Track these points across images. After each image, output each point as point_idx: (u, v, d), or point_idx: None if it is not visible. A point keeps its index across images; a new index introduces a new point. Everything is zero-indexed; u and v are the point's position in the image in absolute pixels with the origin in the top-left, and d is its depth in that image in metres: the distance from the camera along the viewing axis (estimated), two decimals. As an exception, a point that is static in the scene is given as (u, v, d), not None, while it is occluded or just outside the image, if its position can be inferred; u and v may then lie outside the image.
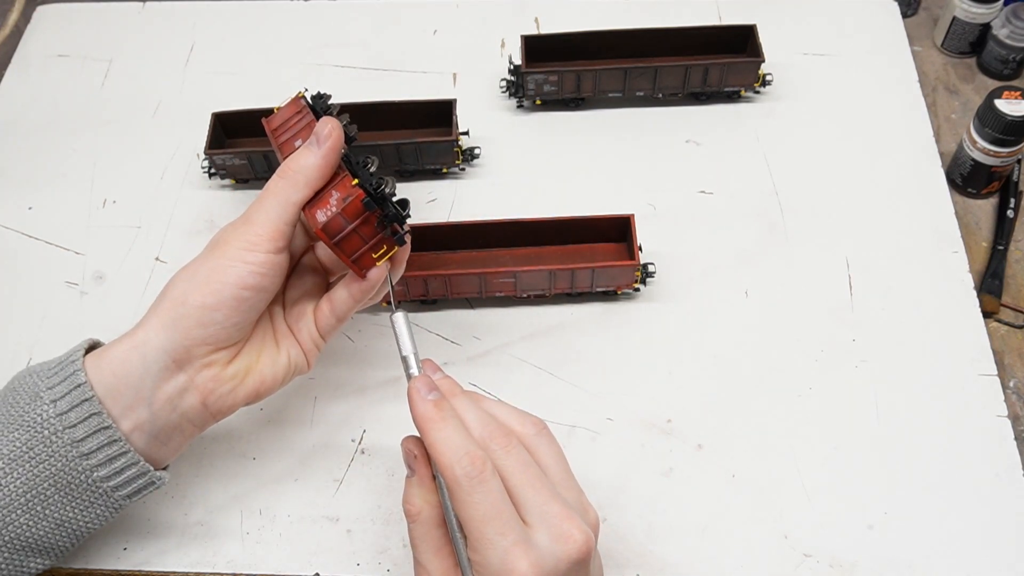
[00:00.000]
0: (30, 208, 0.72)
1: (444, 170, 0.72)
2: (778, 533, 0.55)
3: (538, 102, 0.75)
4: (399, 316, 0.48)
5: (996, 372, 0.60)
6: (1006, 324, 0.65)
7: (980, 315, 0.63)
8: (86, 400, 0.46)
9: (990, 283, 0.66)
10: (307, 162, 0.49)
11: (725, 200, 0.70)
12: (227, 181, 0.72)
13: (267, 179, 0.51)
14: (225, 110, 0.71)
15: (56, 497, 0.47)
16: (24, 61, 0.82)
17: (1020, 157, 0.70)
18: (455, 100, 0.70)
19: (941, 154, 0.72)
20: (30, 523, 0.47)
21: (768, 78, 0.74)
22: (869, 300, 0.64)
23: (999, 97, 0.66)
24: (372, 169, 0.50)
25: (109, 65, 0.81)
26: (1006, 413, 0.59)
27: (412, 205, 0.52)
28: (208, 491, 0.57)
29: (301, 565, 0.55)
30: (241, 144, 0.73)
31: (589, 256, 0.65)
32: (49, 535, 0.48)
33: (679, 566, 0.54)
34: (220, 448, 0.59)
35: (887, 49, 0.79)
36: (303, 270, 0.55)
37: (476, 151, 0.72)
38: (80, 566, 0.55)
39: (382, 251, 0.50)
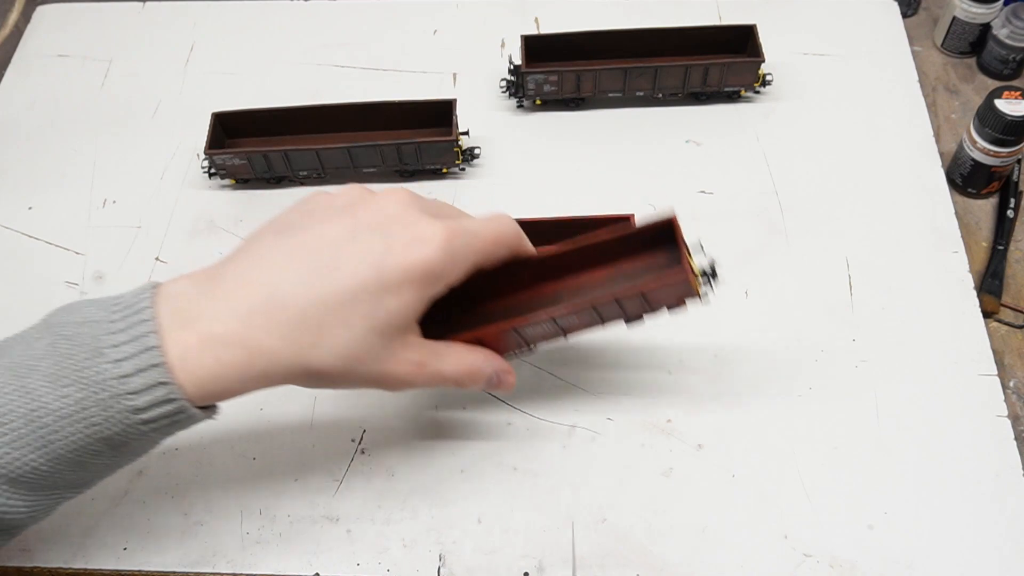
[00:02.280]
0: (30, 208, 0.72)
1: (444, 170, 0.72)
2: (778, 533, 0.55)
3: (538, 102, 0.75)
4: None
5: (996, 372, 0.60)
6: (1006, 324, 0.65)
7: (980, 315, 0.63)
8: (155, 366, 0.41)
9: (990, 283, 0.66)
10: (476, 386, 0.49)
11: (725, 200, 0.70)
12: (227, 181, 0.72)
13: (267, 179, 0.50)
14: (225, 110, 0.71)
15: (107, 452, 0.43)
16: (24, 61, 0.82)
17: (1020, 157, 0.70)
18: (455, 100, 0.70)
19: (941, 154, 0.72)
20: (75, 471, 0.44)
21: (768, 78, 0.74)
22: (869, 300, 0.64)
23: (999, 97, 0.66)
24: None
25: (109, 65, 0.81)
26: (1006, 413, 0.59)
27: None
28: (208, 491, 0.57)
29: (301, 565, 0.55)
30: (241, 144, 0.73)
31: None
32: (93, 478, 0.46)
33: (679, 566, 0.54)
34: (220, 448, 0.59)
35: (887, 49, 0.79)
36: None
37: (476, 151, 0.72)
38: (80, 566, 0.55)
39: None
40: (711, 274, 0.51)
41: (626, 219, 0.62)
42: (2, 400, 0.41)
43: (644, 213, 0.68)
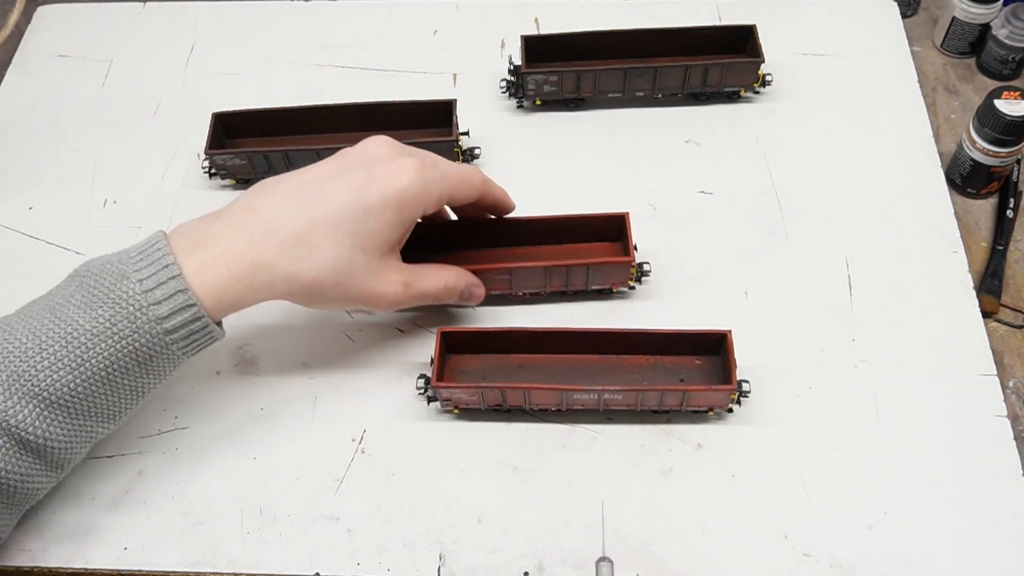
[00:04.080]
0: (30, 208, 0.72)
1: (444, 170, 0.72)
2: (778, 533, 0.55)
3: (538, 102, 0.75)
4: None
5: (996, 372, 0.60)
6: (1006, 324, 0.65)
7: (980, 315, 0.63)
8: (173, 278, 0.48)
9: (990, 283, 0.66)
10: (449, 299, 0.58)
11: (725, 200, 0.70)
12: (227, 181, 0.72)
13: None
14: (225, 110, 0.71)
15: (135, 368, 0.49)
16: (25, 61, 0.82)
17: (1019, 157, 0.70)
18: (455, 100, 0.70)
19: (941, 154, 0.72)
20: (107, 392, 0.49)
21: (768, 78, 0.74)
22: (869, 300, 0.64)
23: (999, 97, 0.66)
24: None
25: (109, 65, 0.81)
26: (1006, 413, 0.59)
27: None
28: (208, 491, 0.58)
29: (301, 565, 0.55)
30: (241, 144, 0.73)
31: (585, 255, 0.64)
32: (122, 400, 0.50)
33: (679, 566, 0.54)
34: (220, 448, 0.59)
35: (887, 49, 0.79)
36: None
37: (476, 151, 0.72)
38: (80, 566, 0.55)
39: None
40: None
41: (621, 217, 0.63)
42: (41, 330, 0.48)
43: (644, 213, 0.68)
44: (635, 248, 0.62)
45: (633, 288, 0.64)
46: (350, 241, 0.51)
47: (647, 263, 0.64)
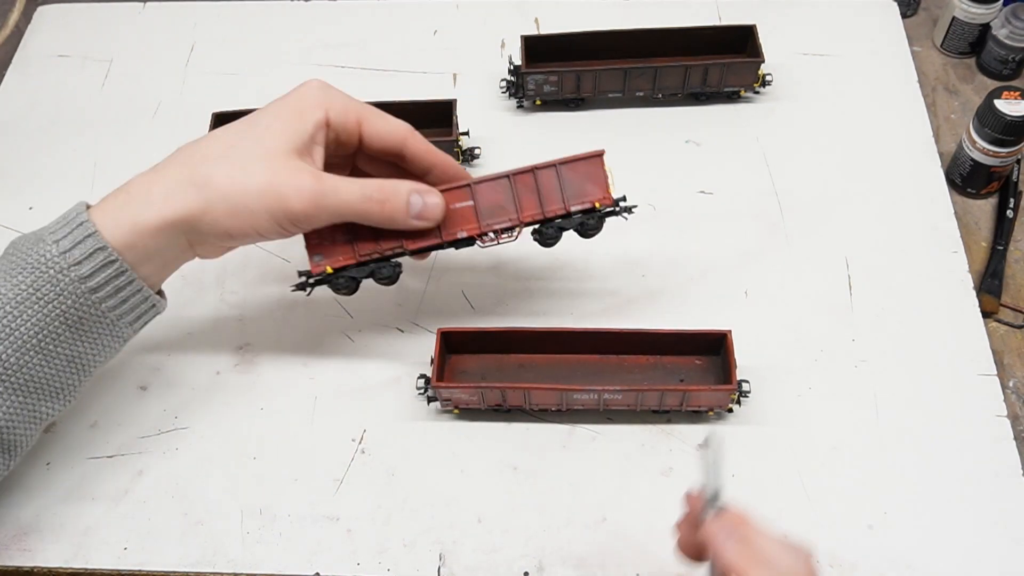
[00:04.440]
0: (30, 208, 0.72)
1: (444, 170, 0.72)
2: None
3: (538, 102, 0.75)
4: (714, 439, 0.44)
5: (996, 372, 0.60)
6: (1005, 324, 0.65)
7: (980, 315, 0.63)
8: (90, 236, 0.47)
9: (990, 283, 0.66)
10: (393, 219, 0.52)
11: (725, 200, 0.70)
12: (227, 181, 0.72)
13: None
14: (225, 110, 0.71)
15: (67, 335, 0.48)
16: (25, 61, 0.82)
17: (1019, 157, 0.70)
18: (455, 100, 0.70)
19: (941, 154, 0.72)
20: (43, 363, 0.48)
21: (768, 78, 0.74)
22: (869, 300, 0.64)
23: (998, 97, 0.66)
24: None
25: (109, 65, 0.81)
26: (1006, 413, 0.59)
27: None
28: (208, 491, 0.57)
29: (301, 565, 0.55)
30: (241, 144, 0.73)
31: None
32: (61, 373, 0.50)
33: (680, 566, 0.54)
34: (220, 448, 0.59)
35: (887, 49, 0.79)
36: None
37: (476, 151, 0.72)
38: (80, 566, 0.55)
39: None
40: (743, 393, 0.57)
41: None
42: None
43: (644, 213, 0.68)
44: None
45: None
46: (249, 152, 0.50)
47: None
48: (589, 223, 0.56)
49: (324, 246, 0.54)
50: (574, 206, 0.55)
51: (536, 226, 0.56)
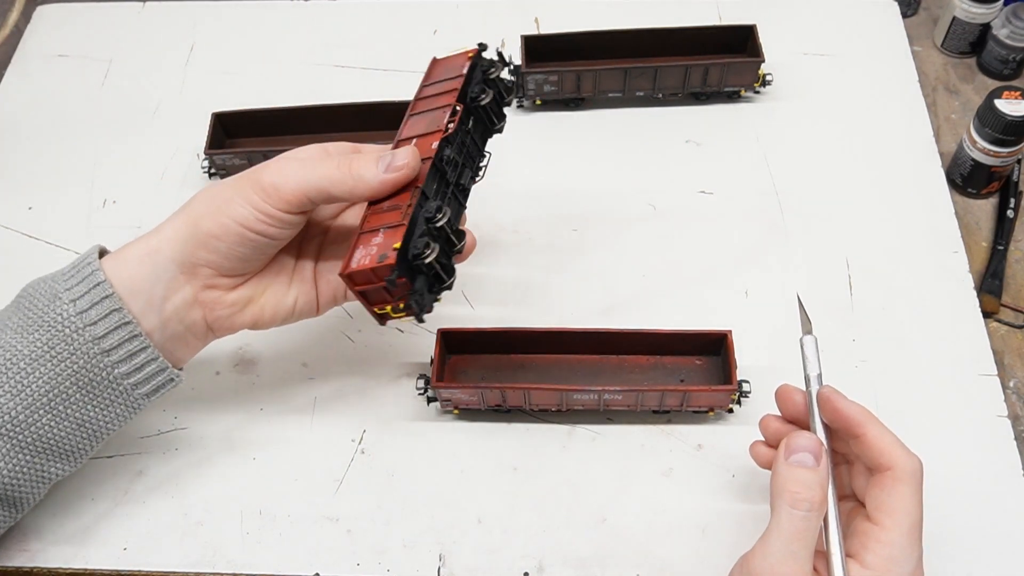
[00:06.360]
0: (30, 208, 0.72)
1: (444, 170, 0.72)
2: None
3: (538, 102, 0.75)
4: (809, 340, 0.50)
5: (996, 372, 0.60)
6: (1006, 324, 0.65)
7: (980, 315, 0.63)
8: (106, 297, 0.47)
9: (990, 283, 0.66)
10: (362, 176, 0.48)
11: (725, 200, 0.70)
12: (227, 181, 0.72)
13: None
14: (225, 110, 0.71)
15: (78, 396, 0.48)
16: (24, 61, 0.82)
17: (1020, 157, 0.70)
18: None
19: (941, 154, 0.72)
20: (52, 423, 0.48)
21: (768, 78, 0.74)
22: (869, 300, 0.64)
23: (999, 97, 0.66)
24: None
25: (109, 65, 0.81)
26: (1006, 413, 0.59)
27: None
28: (208, 491, 0.57)
29: (301, 565, 0.55)
30: (241, 144, 0.73)
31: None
32: (70, 436, 0.49)
33: (679, 566, 0.54)
34: (220, 448, 0.59)
35: (887, 49, 0.79)
36: (345, 227, 0.55)
37: (476, 151, 0.72)
38: (80, 566, 0.55)
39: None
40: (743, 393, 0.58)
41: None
42: None
43: (644, 213, 0.68)
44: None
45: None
46: (245, 191, 0.48)
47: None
48: (488, 78, 0.56)
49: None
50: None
51: (461, 107, 0.53)
